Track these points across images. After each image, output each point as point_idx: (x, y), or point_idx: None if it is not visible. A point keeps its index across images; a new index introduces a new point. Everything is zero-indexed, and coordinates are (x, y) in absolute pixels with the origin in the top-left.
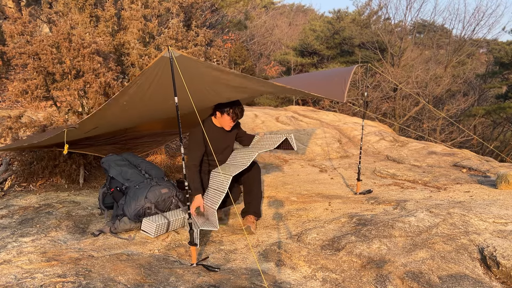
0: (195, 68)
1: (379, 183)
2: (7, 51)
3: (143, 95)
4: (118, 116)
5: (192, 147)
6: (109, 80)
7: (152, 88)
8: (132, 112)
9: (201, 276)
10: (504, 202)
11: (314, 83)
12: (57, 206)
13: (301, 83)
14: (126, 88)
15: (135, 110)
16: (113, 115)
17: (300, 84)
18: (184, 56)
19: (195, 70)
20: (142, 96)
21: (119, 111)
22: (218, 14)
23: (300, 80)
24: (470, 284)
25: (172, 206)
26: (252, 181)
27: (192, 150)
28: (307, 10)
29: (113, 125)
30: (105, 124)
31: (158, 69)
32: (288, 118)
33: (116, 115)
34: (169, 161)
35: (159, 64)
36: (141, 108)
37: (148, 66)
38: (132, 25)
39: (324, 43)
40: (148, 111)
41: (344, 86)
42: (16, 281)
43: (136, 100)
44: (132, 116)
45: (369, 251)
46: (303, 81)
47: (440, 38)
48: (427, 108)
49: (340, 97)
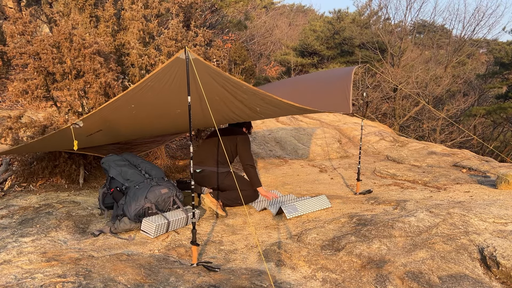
0: (208, 74)
1: (379, 183)
2: (8, 51)
3: (153, 100)
4: (123, 121)
5: (250, 151)
6: (110, 81)
7: (163, 92)
8: (139, 118)
9: (201, 276)
10: (504, 202)
11: (317, 96)
12: (57, 206)
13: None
14: (135, 90)
15: (143, 114)
16: (118, 117)
17: (303, 97)
18: (200, 60)
19: (209, 76)
20: (151, 101)
21: (126, 116)
22: (218, 14)
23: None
24: (470, 284)
25: (172, 206)
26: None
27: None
28: (307, 10)
29: (117, 130)
30: (109, 128)
31: (172, 72)
32: (288, 118)
33: (122, 119)
34: (169, 161)
35: (173, 66)
36: (149, 114)
37: (161, 67)
38: (132, 26)
39: (324, 43)
40: (155, 119)
41: (347, 95)
42: (16, 281)
43: (145, 104)
44: (138, 123)
45: (369, 251)
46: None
47: (440, 38)
48: (427, 108)
49: (345, 108)
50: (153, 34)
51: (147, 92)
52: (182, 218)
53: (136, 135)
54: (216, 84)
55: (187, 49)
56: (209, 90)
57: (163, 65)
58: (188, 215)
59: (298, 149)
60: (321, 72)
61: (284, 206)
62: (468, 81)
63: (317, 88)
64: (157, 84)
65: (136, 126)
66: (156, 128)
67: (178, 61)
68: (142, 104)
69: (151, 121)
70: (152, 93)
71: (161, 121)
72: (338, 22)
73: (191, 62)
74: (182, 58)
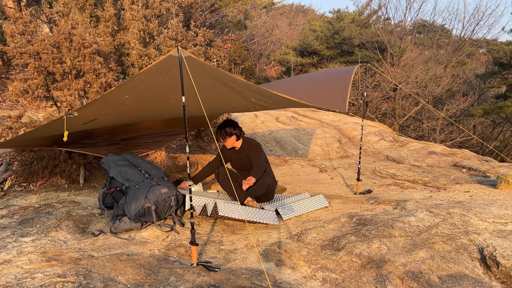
0: (202, 71)
1: (379, 183)
2: (8, 51)
3: (146, 91)
4: (118, 110)
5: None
6: (110, 80)
7: (156, 85)
8: (134, 107)
9: (201, 276)
10: (504, 202)
11: (315, 93)
12: (57, 206)
13: (301, 91)
14: (128, 83)
15: (137, 104)
16: (113, 108)
17: (301, 92)
18: (193, 58)
19: (203, 73)
20: (144, 92)
21: (120, 105)
22: (218, 14)
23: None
24: (470, 284)
25: (172, 206)
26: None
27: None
28: (307, 10)
29: (112, 118)
30: (104, 117)
31: (164, 68)
32: (288, 118)
33: (117, 108)
34: (169, 161)
35: (166, 63)
36: (143, 104)
37: (155, 63)
38: (132, 26)
39: (324, 43)
40: (150, 108)
41: (345, 94)
42: (16, 281)
43: (139, 95)
44: (133, 111)
45: (369, 251)
46: (303, 88)
47: (440, 38)
48: (427, 108)
49: (341, 106)
50: (153, 34)
51: (141, 84)
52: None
53: (132, 120)
54: (210, 79)
55: (180, 48)
56: (203, 88)
57: (156, 61)
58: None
59: (298, 149)
60: (322, 71)
61: (280, 208)
62: (468, 81)
63: (315, 85)
64: (150, 78)
65: (131, 113)
66: (151, 115)
67: (171, 58)
68: (136, 94)
69: (146, 109)
70: (145, 85)
71: (156, 110)
72: (337, 22)
73: (184, 61)
74: (175, 56)
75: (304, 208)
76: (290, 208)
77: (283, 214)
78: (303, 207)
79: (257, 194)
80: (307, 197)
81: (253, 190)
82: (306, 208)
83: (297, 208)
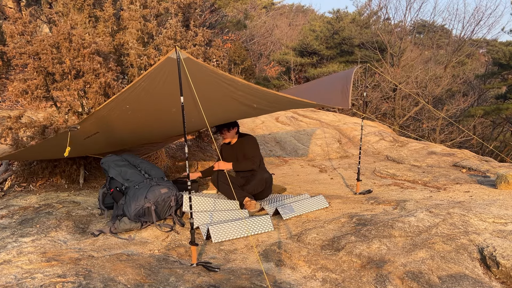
0: (201, 74)
1: (379, 183)
2: (7, 51)
3: (148, 100)
4: (120, 122)
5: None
6: (109, 81)
7: (157, 92)
8: (135, 118)
9: (201, 276)
10: (503, 202)
11: (318, 93)
12: (57, 206)
13: (303, 94)
14: (129, 90)
15: (137, 115)
16: (114, 119)
17: (304, 95)
18: (192, 60)
19: (202, 76)
20: (146, 101)
21: (122, 116)
22: (217, 14)
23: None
24: (470, 284)
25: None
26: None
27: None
28: (307, 10)
29: (115, 132)
30: (106, 130)
31: (164, 72)
32: (288, 119)
33: (118, 120)
34: (169, 161)
35: (165, 66)
36: (144, 115)
37: (153, 68)
38: (131, 26)
39: (324, 43)
40: (151, 121)
41: (347, 91)
42: (16, 281)
43: (140, 104)
44: (134, 123)
45: (369, 251)
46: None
47: (440, 38)
48: (427, 108)
49: (344, 103)
50: (152, 34)
51: (141, 92)
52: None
53: (135, 137)
54: (209, 83)
55: (178, 48)
56: (202, 90)
57: (155, 65)
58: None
59: (298, 149)
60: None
61: (280, 207)
62: (468, 81)
63: (318, 88)
64: (150, 85)
65: (133, 126)
66: (154, 128)
67: (170, 61)
68: (137, 104)
69: (147, 120)
70: (145, 93)
71: (158, 121)
72: (337, 22)
73: (182, 62)
74: (173, 58)
75: (304, 208)
76: (290, 208)
77: (283, 214)
78: (303, 207)
79: (256, 191)
80: (307, 197)
81: (252, 187)
82: (306, 208)
83: (297, 208)
